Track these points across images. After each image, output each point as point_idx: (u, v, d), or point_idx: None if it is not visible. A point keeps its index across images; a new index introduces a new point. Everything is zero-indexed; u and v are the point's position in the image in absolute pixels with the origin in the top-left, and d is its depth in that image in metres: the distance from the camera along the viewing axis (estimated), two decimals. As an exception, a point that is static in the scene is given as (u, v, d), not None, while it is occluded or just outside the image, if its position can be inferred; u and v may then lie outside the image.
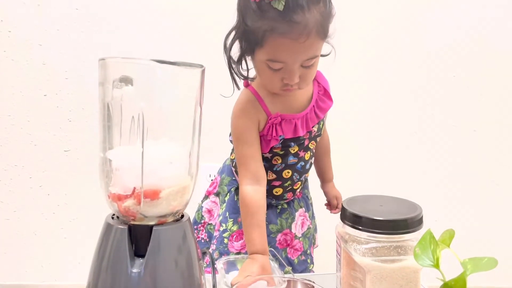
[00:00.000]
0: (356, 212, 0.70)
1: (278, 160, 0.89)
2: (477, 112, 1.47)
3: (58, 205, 1.48)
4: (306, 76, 0.80)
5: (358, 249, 0.69)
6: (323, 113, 0.89)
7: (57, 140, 1.45)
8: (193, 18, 1.40)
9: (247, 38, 0.78)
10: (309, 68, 0.79)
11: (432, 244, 0.58)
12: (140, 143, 0.58)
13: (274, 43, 0.74)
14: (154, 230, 0.59)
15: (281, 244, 0.94)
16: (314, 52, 0.77)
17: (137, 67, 0.60)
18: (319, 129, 0.91)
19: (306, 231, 0.97)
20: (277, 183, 0.91)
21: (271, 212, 0.94)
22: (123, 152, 0.60)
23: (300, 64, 0.77)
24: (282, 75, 0.78)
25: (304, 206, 0.98)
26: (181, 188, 0.62)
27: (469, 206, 1.48)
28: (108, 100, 0.62)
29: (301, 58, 0.76)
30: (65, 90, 1.42)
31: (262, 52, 0.77)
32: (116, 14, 1.40)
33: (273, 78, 0.79)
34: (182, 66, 0.60)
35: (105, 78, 0.61)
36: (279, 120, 0.83)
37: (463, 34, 1.44)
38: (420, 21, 1.44)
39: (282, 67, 0.77)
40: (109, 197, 0.61)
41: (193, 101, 0.64)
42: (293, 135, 0.85)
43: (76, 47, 1.40)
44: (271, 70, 0.78)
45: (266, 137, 0.85)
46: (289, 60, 0.76)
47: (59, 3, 1.39)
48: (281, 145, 0.86)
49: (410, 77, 1.45)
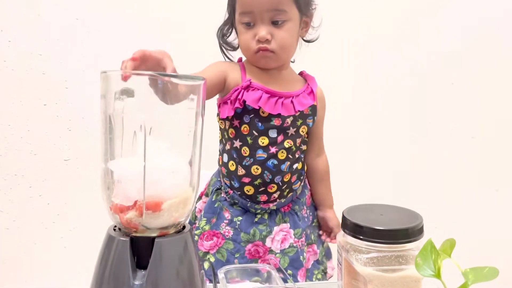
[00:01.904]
0: (357, 222, 0.70)
1: (246, 152, 0.88)
2: (475, 119, 1.47)
3: (58, 214, 1.48)
4: (278, 37, 0.85)
5: (359, 258, 0.69)
6: (301, 107, 0.89)
7: (57, 149, 1.45)
8: (195, 29, 1.41)
9: (230, 5, 0.90)
10: (279, 27, 0.84)
11: (433, 254, 0.58)
12: (142, 155, 0.58)
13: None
14: (156, 242, 0.59)
15: (251, 254, 0.90)
16: (279, 4, 0.83)
17: (138, 79, 0.60)
18: (295, 125, 0.89)
19: (288, 248, 0.92)
20: (247, 180, 0.89)
21: (246, 220, 0.91)
22: (125, 164, 0.60)
23: (268, 16, 0.83)
24: (255, 32, 0.85)
25: (289, 222, 0.93)
26: (182, 199, 0.62)
27: (469, 212, 1.49)
28: (110, 112, 0.63)
29: (265, 5, 0.82)
30: (65, 100, 1.43)
31: (237, 9, 0.86)
32: (116, 24, 1.41)
33: (248, 37, 0.86)
34: (183, 78, 0.60)
35: (107, 90, 0.62)
36: (248, 84, 0.87)
37: (462, 41, 1.45)
38: (419, 27, 1.45)
39: (252, 20, 0.84)
40: (111, 208, 0.62)
41: (194, 113, 0.64)
42: (254, 104, 0.86)
43: (76, 57, 1.41)
44: (245, 28, 0.86)
45: (231, 99, 0.88)
46: (254, 7, 0.83)
47: (59, 13, 1.39)
48: (249, 122, 0.87)
49: (409, 84, 1.46)
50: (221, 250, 0.90)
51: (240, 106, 0.86)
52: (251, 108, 0.87)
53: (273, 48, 0.85)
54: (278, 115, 0.87)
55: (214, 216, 0.92)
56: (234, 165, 0.90)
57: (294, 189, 0.94)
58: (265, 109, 0.86)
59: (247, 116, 0.87)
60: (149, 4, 1.40)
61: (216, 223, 0.92)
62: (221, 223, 0.92)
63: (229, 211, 0.92)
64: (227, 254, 0.90)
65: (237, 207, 0.92)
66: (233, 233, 0.91)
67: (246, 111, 0.87)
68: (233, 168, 0.90)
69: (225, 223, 0.91)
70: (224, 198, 0.93)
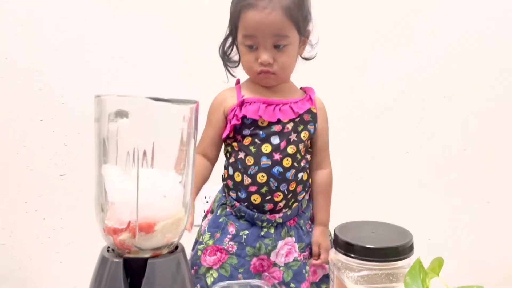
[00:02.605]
0: (348, 240, 0.71)
1: (250, 161, 0.89)
2: (467, 131, 1.49)
3: (54, 229, 1.48)
4: (280, 60, 0.87)
5: (350, 276, 0.70)
6: (300, 110, 0.91)
7: (53, 164, 1.45)
8: (195, 47, 1.43)
9: (231, 22, 0.91)
10: (282, 51, 0.87)
11: (422, 273, 0.59)
12: (135, 178, 0.59)
13: (246, 17, 0.85)
14: (149, 263, 0.60)
15: (256, 268, 0.91)
16: (282, 30, 0.85)
17: (132, 104, 0.62)
18: (296, 131, 0.91)
19: (292, 262, 0.92)
20: (253, 189, 0.90)
21: (252, 233, 0.91)
22: (118, 186, 0.61)
23: (271, 41, 0.86)
24: (257, 55, 0.87)
25: (294, 236, 0.94)
26: (175, 220, 0.63)
27: (461, 224, 1.50)
28: (104, 135, 0.64)
29: (269, 31, 0.85)
30: (61, 115, 1.44)
31: (240, 31, 0.88)
32: (112, 41, 1.42)
33: (250, 59, 0.88)
34: (175, 103, 0.61)
35: (101, 114, 0.63)
36: (241, 101, 0.90)
37: (453, 54, 1.47)
38: (411, 39, 1.47)
39: (255, 44, 0.86)
40: (104, 230, 0.62)
41: (186, 134, 0.66)
42: (255, 115, 0.88)
43: (72, 73, 1.42)
44: (248, 50, 0.88)
45: (230, 118, 0.91)
46: (258, 33, 0.85)
47: (56, 30, 1.41)
48: (250, 133, 0.89)
49: (400, 97, 1.48)
50: (225, 265, 0.91)
51: (238, 122, 0.88)
52: (250, 121, 0.89)
53: (274, 70, 0.88)
54: (278, 121, 0.89)
55: (218, 231, 0.93)
56: (240, 176, 0.91)
57: (299, 200, 0.94)
58: (264, 118, 0.88)
59: (247, 130, 0.89)
60: (147, 22, 1.42)
61: (219, 238, 0.92)
62: (224, 238, 0.92)
63: (234, 225, 0.92)
64: (231, 269, 0.90)
65: (243, 221, 0.92)
66: (237, 247, 0.91)
67: (245, 126, 0.90)
68: (239, 179, 0.91)
69: (229, 238, 0.92)
70: (230, 213, 0.93)
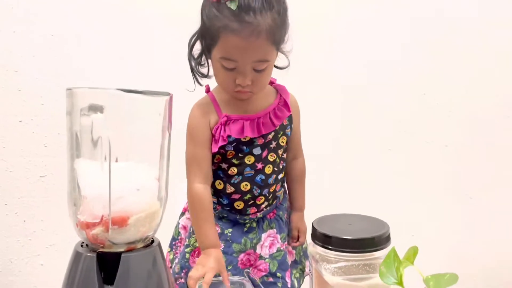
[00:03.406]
0: (326, 232, 0.71)
1: (234, 171, 0.89)
2: (448, 128, 1.50)
3: (35, 232, 1.46)
4: (258, 81, 0.84)
5: (328, 268, 0.70)
6: (279, 121, 0.90)
7: (33, 166, 1.43)
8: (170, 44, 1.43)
9: (205, 36, 0.84)
10: (261, 73, 0.82)
11: (396, 262, 0.59)
12: (107, 172, 0.59)
13: (227, 40, 0.79)
14: (122, 257, 0.59)
15: (243, 264, 0.92)
16: (265, 55, 0.81)
17: (104, 96, 0.61)
18: (276, 139, 0.90)
19: (276, 253, 0.94)
20: (237, 196, 0.90)
21: (236, 230, 0.92)
22: (91, 180, 0.61)
23: (251, 66, 0.81)
24: (235, 76, 0.82)
25: (276, 228, 0.96)
26: (149, 213, 0.63)
27: (444, 219, 1.51)
28: (76, 129, 0.63)
29: (251, 58, 0.80)
30: (40, 116, 1.42)
31: (216, 50, 0.81)
32: (92, 40, 1.41)
33: (227, 78, 0.83)
34: (149, 94, 0.61)
35: (73, 107, 0.62)
36: (225, 119, 0.86)
37: (433, 50, 1.48)
38: (391, 34, 1.48)
39: (235, 66, 0.81)
40: (77, 225, 0.62)
41: (161, 127, 0.65)
42: (241, 135, 0.86)
43: (51, 73, 1.40)
44: (225, 70, 0.82)
45: (214, 137, 0.87)
46: (240, 58, 0.80)
47: (35, 29, 1.39)
48: (234, 149, 0.88)
49: (381, 94, 1.49)
50: None
51: (225, 142, 0.87)
52: (233, 139, 0.87)
53: (252, 90, 0.85)
54: (260, 135, 0.89)
55: None
56: (222, 184, 0.91)
57: (278, 196, 0.97)
58: (248, 135, 0.87)
59: (230, 146, 0.88)
60: (126, 21, 1.41)
61: None
62: None
63: (218, 224, 0.93)
64: None
65: (225, 220, 0.94)
66: (224, 245, 0.91)
67: (228, 143, 0.88)
68: (220, 187, 0.91)
69: None
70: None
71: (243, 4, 0.76)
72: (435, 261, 0.79)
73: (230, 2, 0.77)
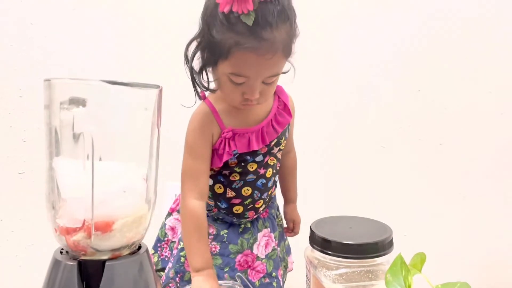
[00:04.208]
0: (325, 236, 0.67)
1: (236, 177, 0.86)
2: (443, 126, 1.48)
3: (13, 231, 1.39)
4: (266, 92, 0.80)
5: (328, 275, 0.66)
6: (282, 127, 0.88)
7: (11, 162, 1.36)
8: (155, 33, 1.36)
9: (211, 49, 0.76)
10: (269, 85, 0.79)
11: (404, 270, 0.55)
12: (90, 172, 0.53)
13: (240, 57, 0.72)
14: (106, 266, 0.54)
15: (241, 265, 0.89)
16: (277, 69, 0.77)
17: (86, 88, 0.56)
18: (278, 144, 0.88)
19: (271, 252, 0.92)
20: (237, 201, 0.87)
21: (232, 231, 0.90)
22: (72, 181, 0.55)
23: (262, 80, 0.77)
24: (244, 90, 0.77)
25: (269, 226, 0.94)
26: (137, 218, 0.58)
27: (437, 218, 1.49)
28: (55, 124, 0.58)
29: (264, 74, 0.76)
30: (19, 109, 1.34)
31: (226, 64, 0.75)
32: (75, 30, 1.34)
33: (234, 92, 0.78)
34: (136, 86, 0.56)
35: (51, 100, 0.57)
36: (231, 134, 0.82)
37: (428, 47, 1.46)
38: (386, 32, 1.45)
39: (245, 81, 0.76)
40: (56, 230, 0.56)
41: (150, 123, 0.60)
42: (247, 149, 0.83)
43: (31, 64, 1.33)
44: (233, 84, 0.77)
45: (218, 151, 0.83)
46: (252, 75, 0.75)
47: (13, 17, 1.32)
48: (237, 159, 0.84)
49: (375, 91, 1.46)
50: None
51: (230, 157, 0.83)
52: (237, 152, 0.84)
53: (259, 101, 0.80)
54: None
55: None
56: (222, 188, 0.87)
57: (273, 197, 0.96)
58: (255, 149, 0.84)
59: (233, 158, 0.84)
60: (112, 8, 1.35)
61: None
62: None
63: (213, 226, 0.90)
64: (216, 270, 0.86)
65: (221, 222, 0.91)
66: (220, 247, 0.88)
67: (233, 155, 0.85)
68: (220, 191, 0.88)
69: (210, 239, 0.88)
70: (206, 215, 0.89)
71: (260, 19, 0.69)
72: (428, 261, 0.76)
73: (245, 16, 0.69)
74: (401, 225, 1.42)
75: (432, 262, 0.95)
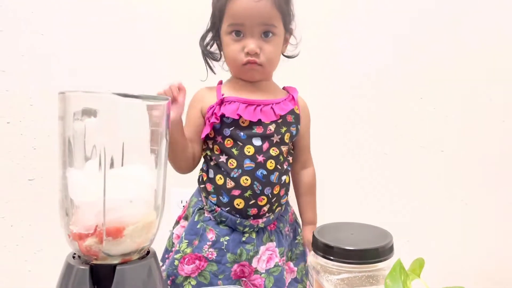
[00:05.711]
0: (327, 242, 0.69)
1: (233, 163, 0.87)
2: (444, 133, 1.49)
3: (22, 237, 1.42)
4: (266, 52, 0.87)
5: (330, 279, 0.67)
6: (282, 112, 0.90)
7: (21, 168, 1.39)
8: (164, 47, 1.40)
9: (215, 14, 0.90)
10: (268, 41, 0.87)
11: (403, 275, 0.57)
12: (102, 180, 0.56)
13: (233, 5, 0.85)
14: (117, 270, 0.57)
15: (236, 275, 0.88)
16: (270, 19, 0.86)
17: (99, 101, 0.58)
18: (279, 133, 0.89)
19: (273, 268, 0.89)
20: (237, 192, 0.87)
21: (233, 239, 0.88)
22: (84, 190, 0.58)
23: (258, 30, 0.85)
24: (244, 44, 0.86)
25: (275, 241, 0.91)
26: (146, 224, 0.60)
27: (439, 225, 1.50)
28: (68, 134, 0.60)
29: (257, 19, 0.85)
30: (29, 117, 1.38)
31: (225, 20, 0.87)
32: (82, 41, 1.37)
33: (235, 49, 0.87)
34: (145, 99, 0.58)
35: (65, 111, 0.59)
36: (221, 99, 0.88)
37: (430, 55, 1.47)
38: (389, 39, 1.47)
39: (241, 30, 0.86)
40: (69, 236, 0.59)
41: (158, 134, 0.62)
42: (234, 115, 0.86)
43: (41, 73, 1.36)
44: (234, 40, 0.87)
45: (209, 119, 0.88)
46: (246, 20, 0.85)
47: (24, 28, 1.35)
48: (231, 134, 0.88)
49: (377, 98, 1.47)
50: (204, 272, 0.87)
51: (217, 121, 0.86)
52: (230, 121, 0.86)
53: (261, 61, 0.87)
54: (259, 122, 0.87)
55: (196, 238, 0.89)
56: (222, 179, 0.88)
57: (282, 204, 0.93)
58: (244, 117, 0.86)
59: (227, 130, 0.87)
60: (121, 19, 1.38)
61: (198, 246, 0.88)
62: (203, 245, 0.88)
63: (214, 231, 0.89)
64: (210, 276, 0.87)
65: (223, 226, 0.89)
66: (217, 254, 0.87)
67: (225, 125, 0.87)
68: (221, 182, 0.88)
69: (208, 245, 0.88)
70: (209, 218, 0.89)
71: None
72: (429, 267, 0.77)
73: None
74: (403, 231, 1.44)
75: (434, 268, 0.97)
